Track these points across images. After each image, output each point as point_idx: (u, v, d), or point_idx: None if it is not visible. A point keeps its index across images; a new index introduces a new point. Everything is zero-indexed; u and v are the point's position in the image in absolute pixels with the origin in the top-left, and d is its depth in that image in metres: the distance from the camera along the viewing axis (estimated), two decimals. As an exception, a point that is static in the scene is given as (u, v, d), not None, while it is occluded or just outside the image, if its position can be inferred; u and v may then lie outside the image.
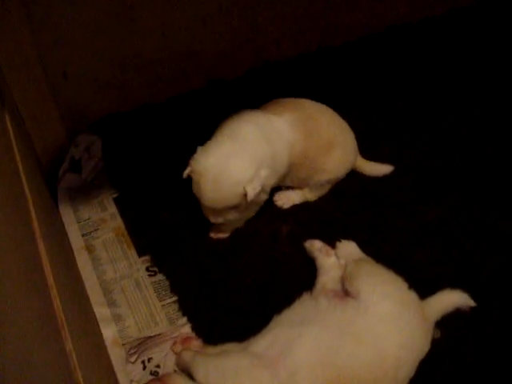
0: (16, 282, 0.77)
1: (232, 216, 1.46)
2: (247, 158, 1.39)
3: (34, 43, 1.59)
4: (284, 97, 1.63)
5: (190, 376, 1.19)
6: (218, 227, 1.54)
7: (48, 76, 1.66)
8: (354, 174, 1.70)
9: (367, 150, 1.74)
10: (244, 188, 1.36)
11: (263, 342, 1.18)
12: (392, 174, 1.70)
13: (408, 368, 1.19)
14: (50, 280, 0.92)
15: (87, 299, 1.44)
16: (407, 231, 1.56)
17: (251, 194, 1.37)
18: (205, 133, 1.77)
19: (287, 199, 1.64)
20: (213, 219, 1.46)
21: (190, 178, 1.43)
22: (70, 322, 0.91)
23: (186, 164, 1.58)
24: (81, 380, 0.77)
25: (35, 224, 1.05)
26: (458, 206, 1.62)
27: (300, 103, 1.60)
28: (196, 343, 1.34)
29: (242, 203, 1.41)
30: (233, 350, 1.21)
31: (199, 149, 1.42)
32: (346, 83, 1.99)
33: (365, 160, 1.71)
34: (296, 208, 1.62)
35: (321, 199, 1.65)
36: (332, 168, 1.60)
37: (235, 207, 1.42)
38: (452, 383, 1.28)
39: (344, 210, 1.62)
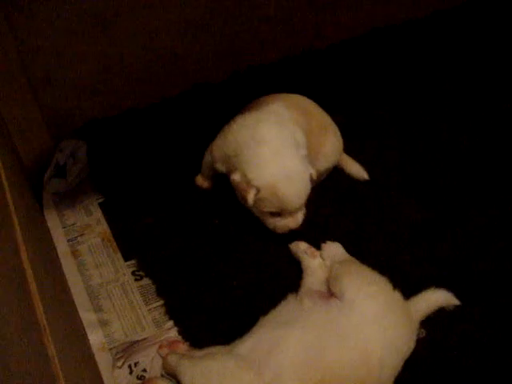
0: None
1: (302, 213, 1.49)
2: (293, 149, 1.43)
3: (17, 50, 1.59)
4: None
5: (177, 379, 1.19)
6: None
7: (31, 82, 1.66)
8: (338, 176, 1.71)
9: (351, 150, 1.75)
10: (309, 174, 1.44)
11: (248, 344, 1.18)
12: (376, 174, 1.71)
13: (393, 368, 1.20)
14: (33, 286, 0.92)
15: (73, 305, 1.44)
16: (392, 232, 1.57)
17: (315, 173, 1.46)
18: (190, 136, 1.79)
19: None
20: (298, 221, 1.48)
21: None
22: (53, 327, 0.91)
23: (171, 167, 1.59)
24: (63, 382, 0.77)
25: (17, 229, 1.05)
26: (442, 206, 1.64)
27: (280, 95, 1.63)
28: (182, 346, 1.34)
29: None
30: (218, 352, 1.21)
31: (246, 169, 1.41)
32: (330, 85, 2.00)
33: (348, 157, 1.73)
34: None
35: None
36: (328, 151, 1.64)
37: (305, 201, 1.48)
38: (437, 382, 1.29)
39: (329, 212, 1.63)
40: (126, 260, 1.56)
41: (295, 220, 1.47)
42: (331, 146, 1.65)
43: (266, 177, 1.39)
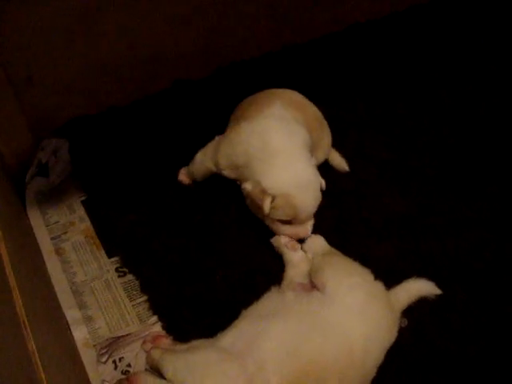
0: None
1: (311, 222, 1.49)
2: (305, 157, 1.44)
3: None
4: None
5: (160, 374, 1.19)
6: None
7: (12, 80, 1.65)
8: (321, 169, 1.72)
9: (333, 143, 1.76)
10: (320, 183, 1.45)
11: (231, 337, 1.19)
12: (358, 167, 1.73)
13: (375, 357, 1.21)
14: (12, 281, 0.92)
15: (57, 302, 1.44)
16: (373, 224, 1.59)
17: (324, 183, 1.47)
18: (172, 133, 1.79)
19: None
20: (307, 230, 1.48)
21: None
22: (34, 322, 0.91)
23: (153, 164, 1.60)
24: (43, 377, 0.78)
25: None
26: (423, 198, 1.66)
27: (271, 92, 1.63)
28: (166, 341, 1.34)
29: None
30: (201, 345, 1.21)
31: (260, 178, 1.41)
32: (311, 79, 2.01)
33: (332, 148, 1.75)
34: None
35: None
36: (325, 144, 1.67)
37: None
38: (419, 371, 1.31)
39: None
40: (109, 257, 1.56)
41: (305, 229, 1.47)
42: (328, 139, 1.69)
43: (281, 185, 1.39)
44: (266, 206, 1.40)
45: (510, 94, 2.00)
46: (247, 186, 1.44)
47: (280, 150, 1.42)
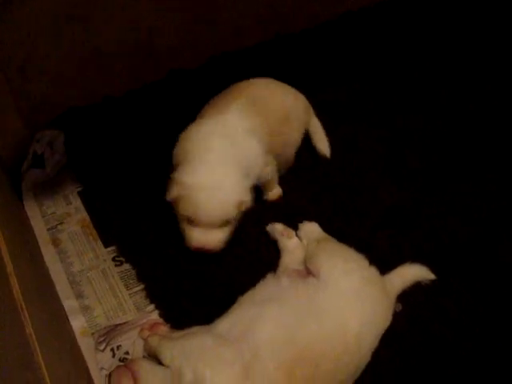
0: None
1: (222, 233, 1.43)
2: (233, 168, 1.41)
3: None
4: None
5: (158, 361, 1.21)
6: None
7: (5, 71, 1.66)
8: (315, 157, 1.73)
9: (329, 132, 1.77)
10: (239, 199, 1.40)
11: (227, 323, 1.20)
12: (351, 156, 1.75)
13: (370, 342, 1.23)
14: (10, 267, 0.93)
15: (54, 292, 1.45)
16: (367, 212, 1.60)
17: (248, 204, 1.43)
18: (167, 123, 1.79)
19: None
20: (207, 239, 1.41)
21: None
22: (31, 308, 0.92)
23: (149, 154, 1.60)
24: (41, 362, 0.79)
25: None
26: (417, 190, 1.67)
27: (242, 88, 1.60)
28: (163, 328, 1.36)
29: (236, 214, 1.42)
30: (198, 331, 1.22)
31: (180, 170, 1.41)
32: (304, 69, 2.01)
33: (319, 128, 1.76)
34: (258, 197, 1.64)
35: (283, 185, 1.67)
36: (293, 139, 1.65)
37: (227, 221, 1.41)
38: (413, 355, 1.32)
39: (306, 195, 1.65)
40: (106, 247, 1.57)
41: (211, 239, 1.41)
42: (296, 133, 1.66)
43: (191, 180, 1.38)
44: (171, 192, 1.40)
45: (505, 85, 2.00)
46: (171, 175, 1.43)
47: (210, 160, 1.40)
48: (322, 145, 1.73)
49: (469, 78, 2.04)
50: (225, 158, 1.41)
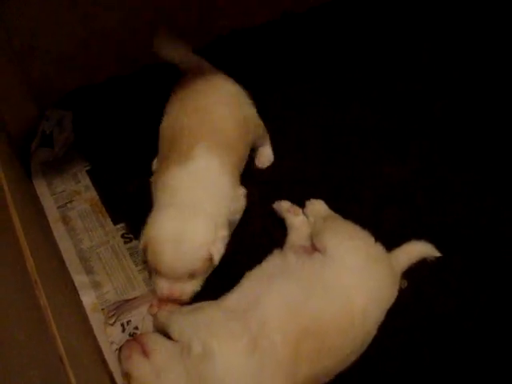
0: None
1: (191, 286, 1.36)
2: (204, 219, 1.34)
3: (-1, 17, 1.59)
4: (250, 64, 1.63)
5: (167, 336, 1.23)
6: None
7: (15, 51, 1.66)
8: (321, 136, 1.74)
9: (335, 111, 1.80)
10: (209, 251, 1.33)
11: (235, 297, 1.22)
12: (357, 136, 1.75)
13: (375, 316, 1.25)
14: (23, 242, 0.95)
15: (65, 268, 1.47)
16: (373, 189, 1.61)
17: (217, 257, 1.35)
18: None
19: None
20: (173, 291, 1.34)
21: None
22: (45, 281, 0.94)
23: (156, 132, 1.61)
24: (56, 332, 0.81)
25: (7, 192, 1.07)
26: (423, 165, 1.68)
27: (194, 127, 1.47)
28: (172, 304, 1.37)
29: (205, 267, 1.35)
30: (206, 306, 1.25)
31: (149, 219, 1.36)
32: (311, 49, 2.01)
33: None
34: (266, 171, 1.65)
35: (289, 162, 1.69)
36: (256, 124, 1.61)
37: (194, 274, 1.35)
38: (418, 330, 1.35)
39: (312, 172, 1.66)
40: (115, 224, 1.59)
41: (174, 288, 1.34)
42: (254, 116, 1.61)
43: (156, 232, 1.32)
44: (140, 245, 1.36)
45: (505, 59, 1.99)
46: None
47: (178, 209, 1.34)
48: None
49: (469, 53, 2.03)
50: (194, 206, 1.35)
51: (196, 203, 1.35)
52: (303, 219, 1.47)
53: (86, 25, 1.76)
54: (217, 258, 1.35)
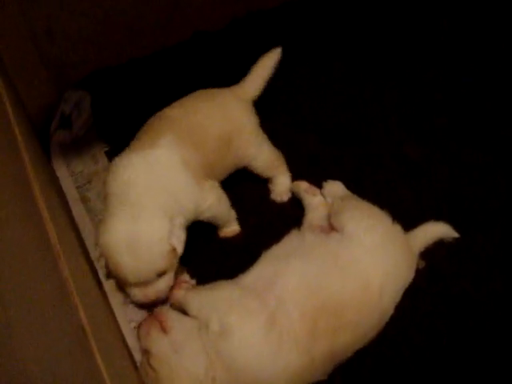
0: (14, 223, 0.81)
1: (164, 283, 1.29)
2: (155, 213, 1.24)
3: (18, 2, 1.59)
4: (269, 47, 1.62)
5: (185, 313, 1.24)
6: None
7: (33, 33, 1.67)
8: (337, 119, 1.74)
9: (353, 92, 1.80)
10: (170, 244, 1.25)
11: (253, 276, 1.24)
12: (376, 114, 1.76)
13: (392, 295, 1.26)
14: (45, 214, 0.97)
15: (85, 246, 1.48)
16: (391, 169, 1.62)
17: (180, 247, 1.27)
18: (191, 84, 1.80)
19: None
20: (148, 295, 1.28)
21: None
22: (67, 254, 0.96)
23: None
24: (78, 302, 0.83)
25: (29, 169, 1.09)
26: (440, 143, 1.68)
27: (177, 115, 1.43)
28: (189, 285, 1.39)
29: (171, 260, 1.27)
30: (224, 284, 1.26)
31: (100, 226, 1.26)
32: (329, 30, 2.00)
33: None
34: (283, 152, 1.65)
35: (306, 143, 1.69)
36: (229, 163, 1.49)
37: (162, 271, 1.27)
38: (435, 311, 1.35)
39: (329, 152, 1.67)
40: (132, 203, 1.60)
41: (148, 291, 1.28)
42: (248, 143, 1.50)
43: (108, 239, 1.23)
44: (97, 255, 1.33)
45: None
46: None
47: (130, 208, 1.24)
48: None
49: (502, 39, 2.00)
50: (147, 202, 1.25)
51: (146, 197, 1.25)
52: (321, 199, 1.48)
53: (103, 6, 1.77)
54: (180, 247, 1.26)
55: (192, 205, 1.33)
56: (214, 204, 1.39)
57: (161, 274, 1.27)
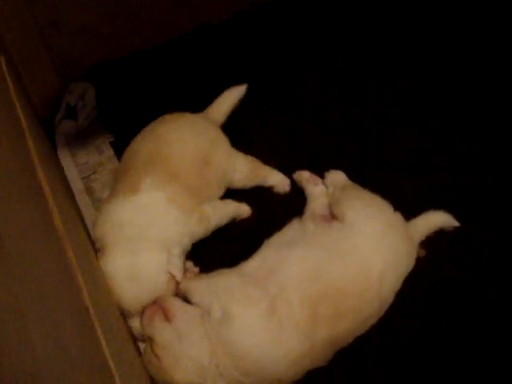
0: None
1: None
2: (152, 247, 1.31)
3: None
4: (271, 39, 1.63)
5: (188, 301, 1.26)
6: None
7: (38, 25, 1.69)
8: (339, 110, 1.75)
9: (355, 86, 1.80)
10: (169, 272, 1.30)
11: (254, 263, 1.26)
12: (378, 106, 1.76)
13: (392, 283, 1.27)
14: (51, 202, 0.98)
15: (89, 233, 1.50)
16: (393, 160, 1.62)
17: (179, 274, 1.31)
18: (194, 76, 1.82)
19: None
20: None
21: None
22: (71, 237, 0.98)
23: (175, 106, 1.63)
24: (82, 284, 0.85)
25: (35, 159, 1.11)
26: (441, 134, 1.68)
27: (149, 154, 1.44)
28: (192, 273, 1.40)
29: (171, 287, 1.32)
30: (225, 272, 1.28)
31: (100, 261, 1.31)
32: (334, 24, 2.00)
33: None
34: (285, 143, 1.66)
35: (308, 133, 1.70)
36: (214, 187, 1.50)
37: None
38: (435, 300, 1.36)
39: (331, 142, 1.67)
40: (137, 195, 1.61)
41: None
42: (224, 156, 1.53)
43: (110, 268, 1.29)
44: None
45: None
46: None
47: (130, 237, 1.30)
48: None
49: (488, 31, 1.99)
50: (140, 237, 1.31)
51: (142, 234, 1.31)
52: (322, 189, 1.49)
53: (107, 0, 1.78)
54: (179, 275, 1.31)
55: (186, 238, 1.38)
56: (209, 228, 1.44)
57: None
